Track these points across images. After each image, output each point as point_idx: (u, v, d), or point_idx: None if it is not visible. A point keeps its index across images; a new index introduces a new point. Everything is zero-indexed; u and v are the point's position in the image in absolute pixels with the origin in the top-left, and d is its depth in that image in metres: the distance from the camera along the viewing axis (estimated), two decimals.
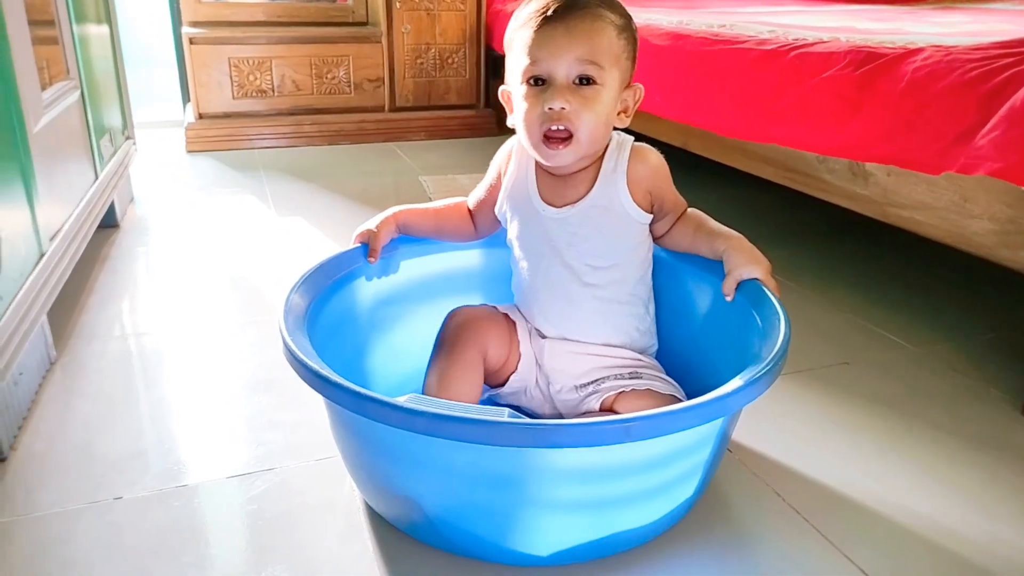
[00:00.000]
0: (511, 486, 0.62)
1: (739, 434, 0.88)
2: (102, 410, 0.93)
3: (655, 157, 0.84)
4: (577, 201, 0.83)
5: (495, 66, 2.62)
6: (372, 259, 0.89)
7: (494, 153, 0.91)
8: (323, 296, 0.82)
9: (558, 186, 0.84)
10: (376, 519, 0.74)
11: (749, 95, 1.29)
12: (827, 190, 1.22)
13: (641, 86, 0.82)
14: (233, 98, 2.30)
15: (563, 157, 0.78)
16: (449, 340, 0.83)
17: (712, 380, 0.81)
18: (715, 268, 0.84)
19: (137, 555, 0.69)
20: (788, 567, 0.70)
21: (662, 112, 1.50)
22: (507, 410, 0.57)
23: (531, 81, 0.77)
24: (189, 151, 2.26)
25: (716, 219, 0.87)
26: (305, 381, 0.64)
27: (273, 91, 2.34)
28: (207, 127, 2.27)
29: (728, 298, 0.81)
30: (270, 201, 1.81)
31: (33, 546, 0.70)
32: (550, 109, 0.75)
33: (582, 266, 0.83)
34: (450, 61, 2.52)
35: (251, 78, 2.30)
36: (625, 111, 0.82)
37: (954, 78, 0.95)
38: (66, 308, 1.19)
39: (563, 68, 0.75)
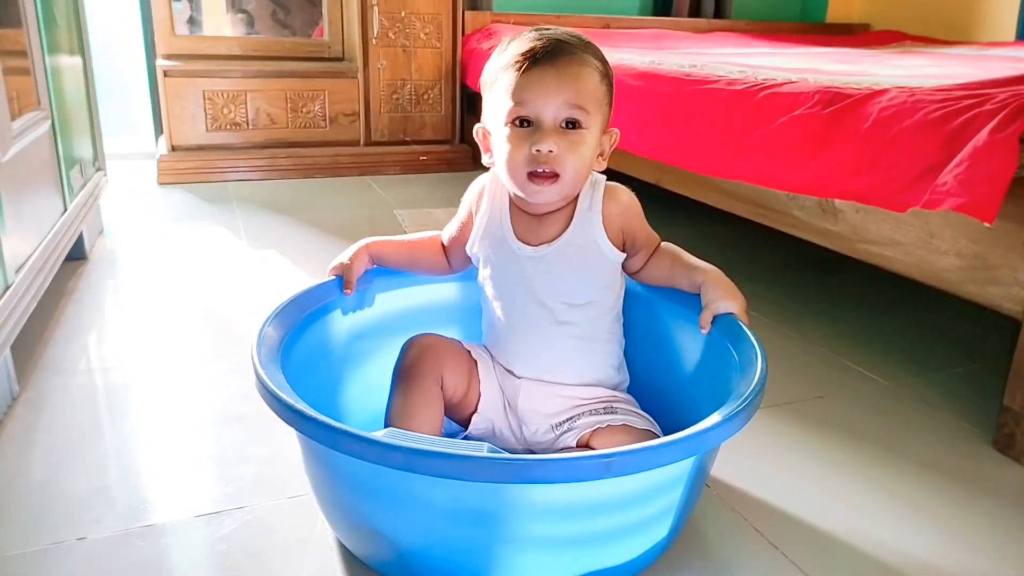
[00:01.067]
0: (489, 523, 0.61)
1: (716, 469, 0.88)
2: (65, 446, 0.90)
3: (627, 196, 0.85)
4: (553, 240, 0.83)
5: (470, 103, 2.64)
6: (348, 291, 0.88)
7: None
8: (297, 329, 0.81)
9: (533, 225, 0.84)
10: (349, 559, 0.72)
11: (720, 133, 1.31)
12: (797, 226, 1.24)
13: (617, 131, 0.84)
14: (207, 131, 2.29)
15: (548, 195, 0.79)
16: (406, 371, 0.82)
17: (690, 415, 0.81)
18: (691, 302, 0.85)
19: None
20: None
21: (637, 150, 1.53)
22: (486, 445, 0.56)
23: (516, 122, 0.77)
24: (161, 183, 2.24)
25: (690, 254, 0.88)
26: (278, 415, 0.63)
27: (248, 124, 2.33)
28: (180, 159, 2.25)
29: (703, 331, 0.82)
30: (243, 234, 1.79)
31: None
32: (537, 151, 0.76)
33: (557, 304, 0.83)
34: (426, 97, 2.54)
35: (225, 111, 2.29)
36: (602, 154, 0.83)
37: (918, 118, 0.98)
38: (31, 341, 1.16)
39: (551, 111, 0.76)
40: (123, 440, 0.92)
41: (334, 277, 0.89)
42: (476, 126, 0.85)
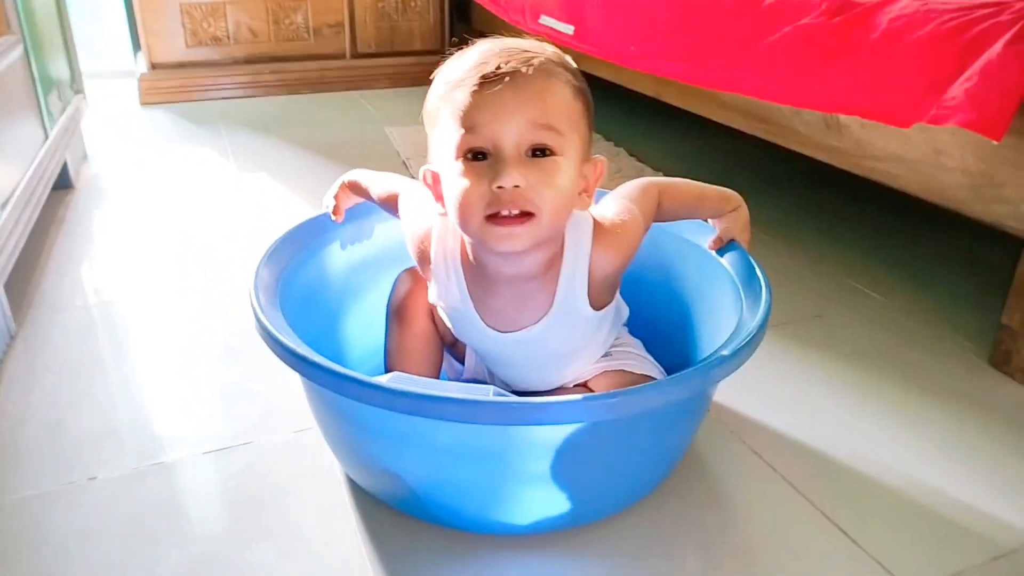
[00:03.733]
0: (495, 461, 0.61)
1: (716, 393, 0.88)
2: (70, 385, 0.90)
3: (631, 236, 0.70)
4: (533, 325, 0.70)
5: (460, 9, 2.54)
6: (338, 217, 0.86)
7: None
8: (294, 266, 0.80)
9: (505, 310, 0.70)
10: (358, 491, 0.74)
11: (722, 44, 1.26)
12: (801, 141, 1.21)
13: (603, 159, 0.68)
14: (187, 47, 2.20)
15: (519, 240, 0.61)
16: (398, 309, 0.78)
17: (694, 343, 0.81)
18: (696, 232, 0.84)
19: (116, 537, 0.68)
20: (767, 525, 0.71)
21: (636, 64, 1.47)
22: (492, 388, 0.56)
23: (469, 156, 0.61)
24: (143, 103, 2.17)
25: (692, 169, 0.85)
26: (283, 361, 0.62)
27: (228, 39, 2.24)
28: (160, 78, 2.18)
29: (711, 246, 0.80)
30: (230, 156, 1.75)
31: (6, 531, 0.69)
32: (500, 188, 0.59)
33: (543, 366, 0.76)
34: (413, 4, 2.43)
35: (204, 25, 2.20)
36: (586, 190, 0.66)
37: (931, 29, 0.94)
38: (23, 277, 1.15)
39: (512, 135, 0.60)
40: (127, 377, 0.93)
41: (327, 210, 0.88)
42: (422, 169, 0.68)
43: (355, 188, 0.88)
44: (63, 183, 1.51)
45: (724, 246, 0.80)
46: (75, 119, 1.57)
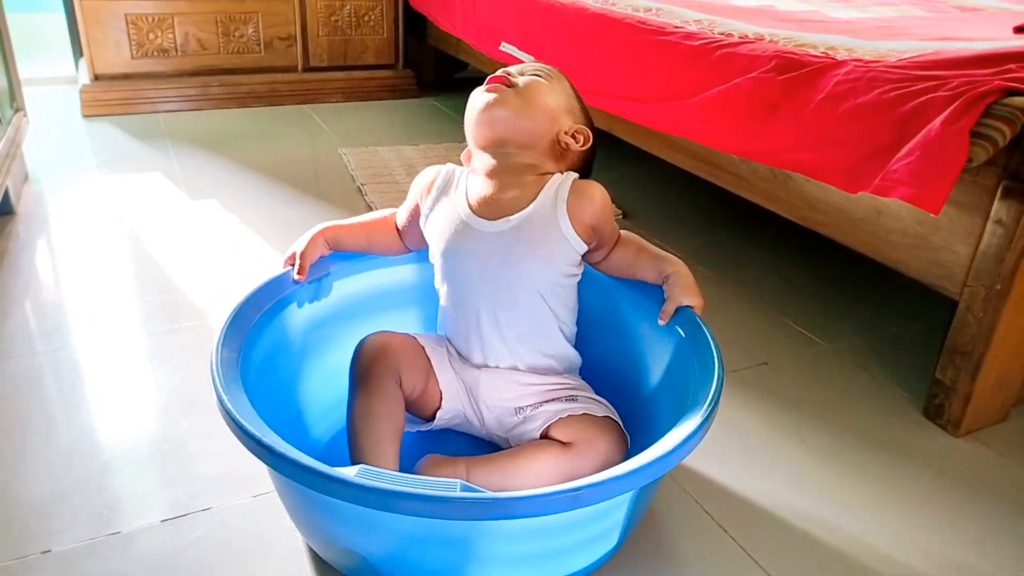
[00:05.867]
0: (460, 546, 0.63)
1: None
2: (17, 444, 0.88)
3: (599, 192, 0.84)
4: (513, 214, 0.82)
5: (413, 24, 2.53)
6: (300, 276, 0.86)
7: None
8: (255, 332, 0.79)
9: (494, 197, 0.83)
10: (319, 561, 0.74)
11: (673, 90, 1.29)
12: (748, 189, 1.25)
13: (588, 130, 0.88)
14: (132, 58, 2.14)
15: (496, 104, 0.83)
16: (363, 374, 0.81)
17: (646, 404, 0.84)
18: (652, 291, 0.86)
19: None
20: None
21: (591, 99, 1.49)
22: (459, 482, 0.57)
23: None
24: (85, 116, 2.11)
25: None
26: (250, 451, 0.62)
27: (176, 50, 2.19)
28: (104, 89, 2.11)
29: (662, 321, 0.83)
30: (180, 179, 1.72)
31: None
32: (498, 73, 0.84)
33: (514, 288, 0.83)
34: (366, 18, 2.41)
35: (151, 36, 2.14)
36: (561, 140, 0.85)
37: (873, 96, 0.98)
38: None
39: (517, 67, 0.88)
40: (79, 436, 0.91)
41: (288, 268, 0.88)
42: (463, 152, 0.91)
43: (330, 233, 0.90)
44: (3, 209, 1.46)
45: (673, 315, 0.83)
46: (16, 142, 1.51)
